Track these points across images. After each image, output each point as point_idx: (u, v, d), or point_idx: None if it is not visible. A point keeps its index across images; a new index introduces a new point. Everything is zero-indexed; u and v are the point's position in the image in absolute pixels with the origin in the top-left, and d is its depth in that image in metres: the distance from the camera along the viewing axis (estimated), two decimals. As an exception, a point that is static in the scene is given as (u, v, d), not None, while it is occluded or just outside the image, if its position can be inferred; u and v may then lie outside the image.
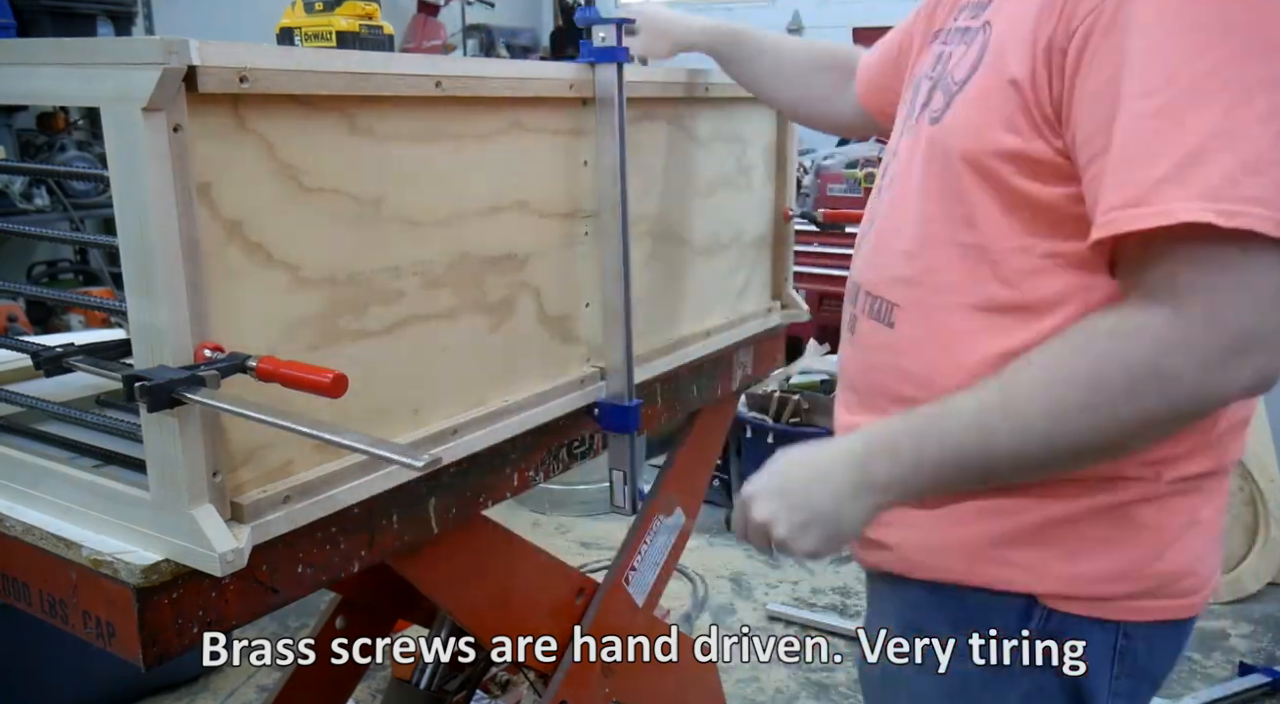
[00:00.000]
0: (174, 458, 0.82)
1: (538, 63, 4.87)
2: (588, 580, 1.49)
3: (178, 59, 0.75)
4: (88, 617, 0.89)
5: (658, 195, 1.39)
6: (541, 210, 1.18)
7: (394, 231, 1.00)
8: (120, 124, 0.77)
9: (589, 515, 3.59)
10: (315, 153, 0.91)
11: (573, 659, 1.42)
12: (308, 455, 0.93)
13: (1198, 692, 2.54)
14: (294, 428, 0.77)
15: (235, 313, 0.85)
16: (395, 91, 0.96)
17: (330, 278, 0.93)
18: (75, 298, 1.18)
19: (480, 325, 1.12)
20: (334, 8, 1.79)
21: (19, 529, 0.92)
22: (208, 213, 0.82)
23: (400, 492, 1.04)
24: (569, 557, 3.19)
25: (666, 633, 1.83)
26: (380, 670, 2.48)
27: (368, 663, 1.76)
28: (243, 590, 0.91)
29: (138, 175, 0.77)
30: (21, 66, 0.85)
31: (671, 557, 1.63)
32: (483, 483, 1.18)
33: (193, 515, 0.82)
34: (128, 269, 0.80)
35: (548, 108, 1.17)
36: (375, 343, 0.99)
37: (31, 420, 1.11)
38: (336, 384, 0.76)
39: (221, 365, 0.79)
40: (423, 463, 0.75)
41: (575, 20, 1.28)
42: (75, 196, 3.77)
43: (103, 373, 1.07)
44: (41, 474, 0.94)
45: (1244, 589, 2.98)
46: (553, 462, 1.29)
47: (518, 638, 1.37)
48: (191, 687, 2.53)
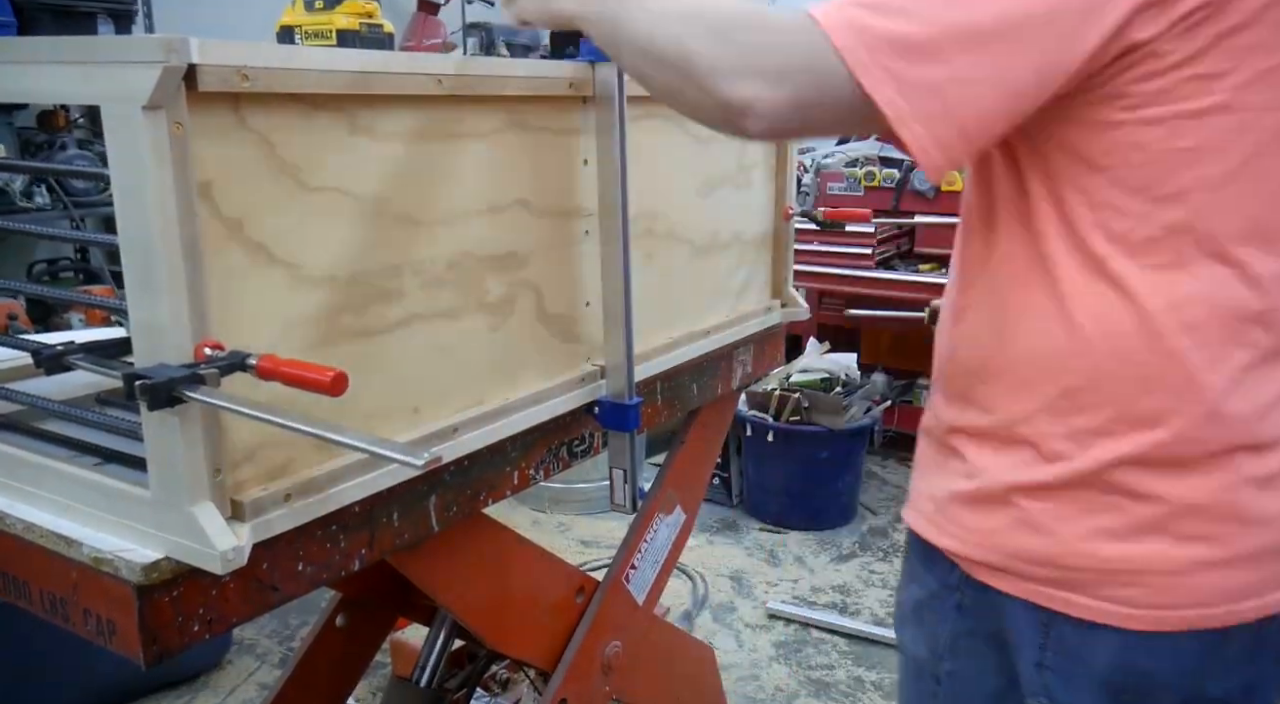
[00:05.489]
0: (174, 456, 0.82)
1: (538, 61, 4.86)
2: (588, 579, 1.49)
3: (178, 57, 0.75)
4: (88, 615, 0.89)
5: (658, 194, 1.39)
6: (542, 209, 1.18)
7: (394, 230, 1.00)
8: (121, 122, 0.77)
9: (589, 514, 3.59)
10: (316, 151, 0.91)
11: (573, 657, 1.42)
12: (308, 454, 0.93)
13: (1197, 690, 2.54)
14: (294, 426, 0.78)
15: (236, 311, 0.85)
16: (396, 90, 0.96)
17: (331, 276, 0.94)
18: (76, 296, 1.18)
19: (480, 324, 1.12)
20: (334, 6, 1.80)
21: (20, 527, 0.92)
22: (208, 211, 0.82)
23: (401, 490, 1.04)
24: (569, 555, 3.19)
25: (666, 631, 1.83)
26: (380, 669, 2.49)
27: (368, 661, 1.76)
28: (243, 589, 0.91)
29: (138, 174, 0.77)
30: (22, 65, 0.85)
31: (671, 555, 1.63)
32: (483, 481, 1.18)
33: (193, 513, 0.82)
34: (128, 267, 0.81)
35: (548, 106, 1.17)
36: (376, 341, 0.99)
37: (32, 419, 1.11)
38: (337, 382, 0.76)
39: (222, 364, 0.79)
40: (423, 461, 0.75)
41: (575, 19, 1.28)
42: (76, 195, 3.77)
43: (103, 371, 1.07)
44: (42, 472, 0.94)
45: (1244, 588, 2.98)
46: (553, 460, 1.29)
47: (518, 636, 1.38)
48: (192, 685, 2.53)
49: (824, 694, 2.55)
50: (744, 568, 3.22)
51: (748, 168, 1.60)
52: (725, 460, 3.60)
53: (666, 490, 1.61)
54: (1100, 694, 0.93)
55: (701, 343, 1.52)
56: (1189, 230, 0.83)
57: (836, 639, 2.79)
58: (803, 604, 2.97)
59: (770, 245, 1.70)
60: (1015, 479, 0.93)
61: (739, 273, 1.63)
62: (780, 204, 1.69)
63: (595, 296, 1.28)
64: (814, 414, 3.41)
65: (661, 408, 1.49)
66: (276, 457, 0.91)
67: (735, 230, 1.59)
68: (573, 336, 1.27)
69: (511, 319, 1.17)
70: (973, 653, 1.05)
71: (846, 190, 3.79)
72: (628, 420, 1.29)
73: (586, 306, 1.28)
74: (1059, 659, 0.95)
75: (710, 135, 1.49)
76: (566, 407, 1.25)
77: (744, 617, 2.92)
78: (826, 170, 3.91)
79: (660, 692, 1.74)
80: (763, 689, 2.57)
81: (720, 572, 3.19)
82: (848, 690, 2.56)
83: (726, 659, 2.67)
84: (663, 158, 1.39)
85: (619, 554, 1.55)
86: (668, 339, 1.44)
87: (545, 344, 1.23)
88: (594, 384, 1.29)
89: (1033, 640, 0.96)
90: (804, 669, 2.66)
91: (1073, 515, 0.90)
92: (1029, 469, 0.92)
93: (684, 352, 1.47)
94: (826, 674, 2.63)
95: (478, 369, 1.13)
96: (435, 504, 1.11)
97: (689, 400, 1.56)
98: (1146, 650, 0.90)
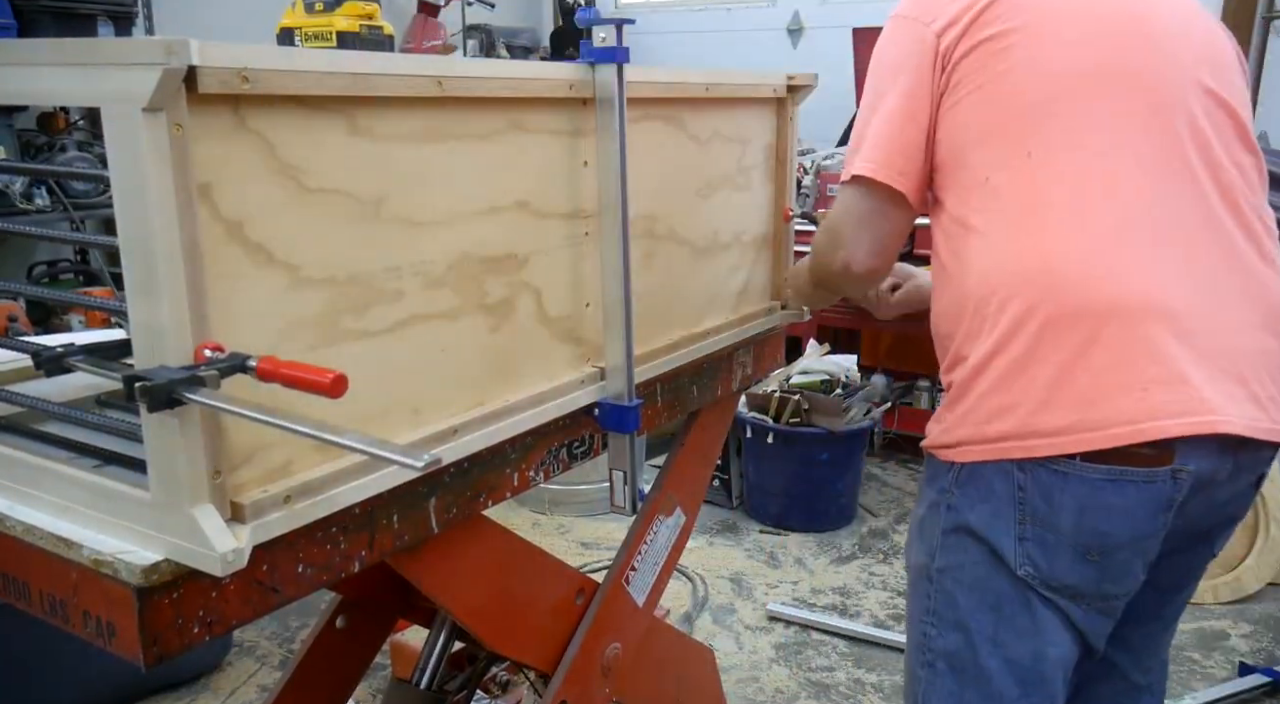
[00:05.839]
0: (174, 458, 0.82)
1: (538, 63, 4.87)
2: (588, 580, 1.49)
3: (178, 59, 0.75)
4: (88, 617, 0.89)
5: (658, 195, 1.39)
6: (542, 210, 1.18)
7: (394, 232, 1.00)
8: (121, 124, 0.77)
9: (589, 515, 3.59)
10: (316, 153, 0.91)
11: (573, 659, 1.42)
12: (308, 455, 0.93)
13: (1197, 692, 2.54)
14: (294, 428, 0.77)
15: (235, 313, 0.85)
16: (395, 92, 0.96)
17: (331, 278, 0.94)
18: (75, 298, 1.18)
19: (480, 325, 1.12)
20: (334, 8, 1.80)
21: (19, 529, 0.92)
22: (208, 213, 0.82)
23: (400, 492, 1.04)
24: (569, 557, 3.19)
25: (667, 633, 1.83)
26: (380, 671, 2.49)
27: (368, 663, 1.76)
28: (243, 590, 0.91)
29: (138, 175, 0.77)
30: (22, 67, 0.85)
31: (671, 557, 1.63)
32: (483, 483, 1.18)
33: (193, 515, 0.82)
34: (128, 269, 0.81)
35: (548, 108, 1.17)
36: (376, 343, 0.99)
37: (32, 420, 1.11)
38: (336, 384, 0.76)
39: (222, 365, 0.79)
40: (423, 463, 0.75)
41: (575, 20, 1.29)
42: (76, 197, 3.77)
43: (103, 373, 1.07)
44: (42, 474, 0.94)
45: (1244, 589, 2.98)
46: (553, 461, 1.29)
47: (518, 638, 1.38)
48: (192, 687, 2.53)
49: (824, 696, 2.54)
50: (744, 570, 3.22)
51: (747, 169, 1.60)
52: (725, 462, 3.60)
53: (666, 492, 1.61)
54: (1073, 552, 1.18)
55: (701, 344, 1.52)
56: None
57: (836, 641, 2.79)
58: (803, 606, 2.97)
59: (770, 247, 1.70)
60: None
61: (739, 274, 1.63)
62: (780, 205, 1.69)
63: (595, 298, 1.28)
64: (814, 416, 3.42)
65: (661, 410, 1.49)
66: (276, 458, 0.91)
67: (735, 232, 1.59)
68: (573, 338, 1.27)
69: (511, 320, 1.17)
70: (958, 548, 1.25)
71: (846, 192, 3.79)
72: (628, 422, 1.29)
73: (586, 308, 1.28)
74: (1035, 529, 1.19)
75: (710, 136, 1.49)
76: (566, 408, 1.25)
77: (744, 618, 2.92)
78: (826, 172, 3.91)
79: (660, 693, 1.73)
80: (763, 691, 2.57)
81: (720, 573, 3.19)
82: (848, 692, 2.56)
83: (726, 661, 2.67)
84: (663, 159, 1.40)
85: (619, 556, 1.55)
86: (668, 341, 1.44)
87: (545, 345, 1.23)
88: (594, 386, 1.29)
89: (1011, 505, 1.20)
90: (804, 671, 2.66)
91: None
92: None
93: (684, 353, 1.47)
94: (826, 676, 2.63)
95: (477, 370, 1.13)
96: (435, 506, 1.11)
97: (689, 402, 1.56)
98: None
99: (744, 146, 1.58)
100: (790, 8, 6.04)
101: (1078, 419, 1.13)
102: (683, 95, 1.41)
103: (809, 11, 5.99)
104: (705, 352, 1.53)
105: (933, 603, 1.28)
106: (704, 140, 1.48)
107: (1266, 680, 2.54)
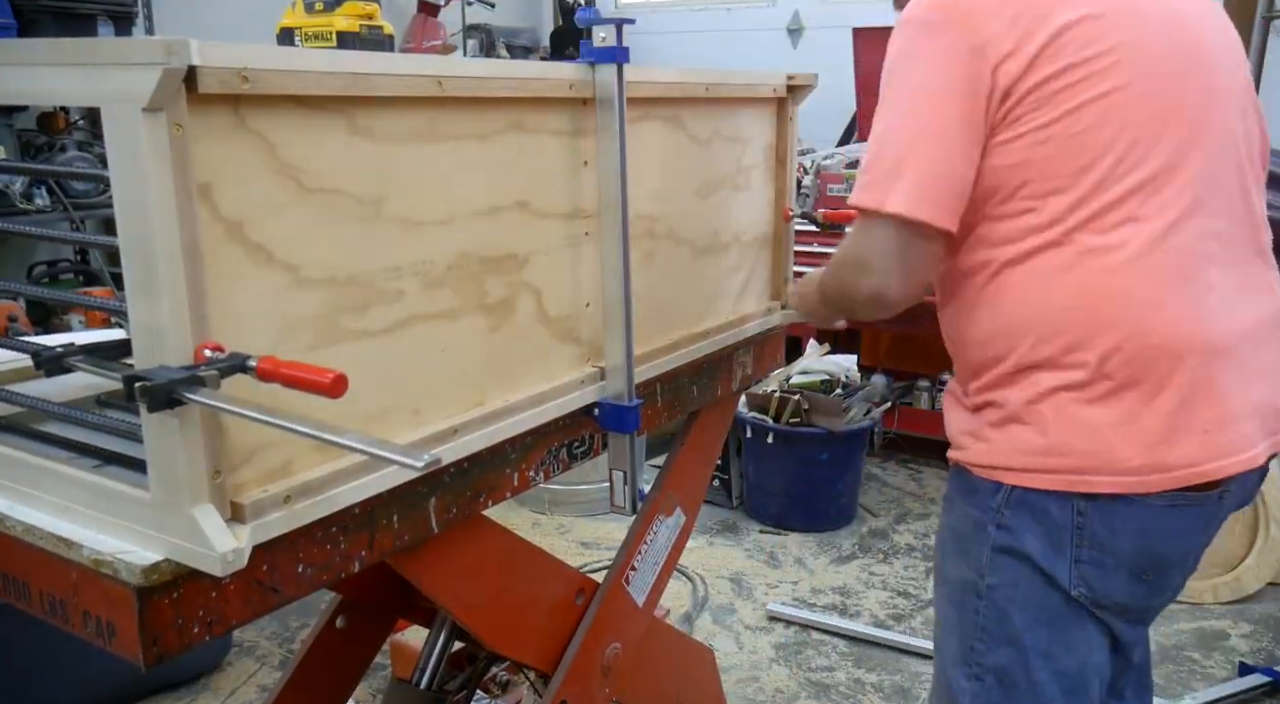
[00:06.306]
0: (174, 458, 0.82)
1: (538, 63, 4.87)
2: (588, 580, 1.49)
3: (178, 59, 0.75)
4: (88, 617, 0.89)
5: (658, 195, 1.39)
6: (541, 210, 1.18)
7: (394, 231, 1.00)
8: (121, 124, 0.77)
9: (589, 515, 3.59)
10: (316, 153, 0.91)
11: (573, 659, 1.42)
12: (308, 455, 0.93)
13: (1197, 692, 2.54)
14: (294, 428, 0.77)
15: (235, 313, 0.85)
16: (395, 92, 0.96)
17: (330, 278, 0.94)
18: (75, 298, 1.18)
19: (480, 325, 1.12)
20: (334, 8, 1.80)
21: (19, 529, 0.92)
22: (208, 213, 0.82)
23: (400, 491, 1.04)
24: (569, 557, 3.19)
25: (666, 633, 1.83)
26: (380, 671, 2.49)
27: (368, 663, 1.76)
28: (243, 590, 0.91)
29: (138, 175, 0.77)
30: (22, 66, 0.85)
31: (671, 557, 1.63)
32: (483, 483, 1.18)
33: (193, 515, 0.82)
34: (128, 269, 0.81)
35: (548, 108, 1.17)
36: (376, 343, 0.99)
37: (32, 420, 1.11)
38: (336, 384, 0.76)
39: (221, 365, 0.79)
40: (423, 463, 0.75)
41: (575, 20, 1.29)
42: (76, 197, 3.77)
43: (103, 373, 1.07)
44: (42, 474, 0.94)
45: (1244, 589, 2.98)
46: (553, 461, 1.29)
47: (517, 638, 1.38)
48: (192, 687, 2.53)
49: (824, 696, 2.54)
50: (744, 570, 3.22)
51: (747, 169, 1.60)
52: (725, 462, 3.60)
53: (666, 492, 1.61)
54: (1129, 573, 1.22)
55: (701, 344, 1.52)
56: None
57: (836, 641, 2.79)
58: (803, 606, 2.97)
59: (770, 247, 1.70)
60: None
61: (739, 274, 1.63)
62: (780, 205, 1.69)
63: (595, 298, 1.28)
64: (814, 416, 3.41)
65: (661, 409, 1.49)
66: (276, 458, 0.91)
67: (735, 232, 1.59)
68: (573, 338, 1.27)
69: (511, 320, 1.17)
70: (1010, 568, 1.26)
71: (847, 192, 3.79)
72: (628, 422, 1.29)
73: (586, 308, 1.28)
74: (1092, 552, 1.21)
75: (710, 136, 1.49)
76: (566, 408, 1.25)
77: (744, 618, 2.92)
78: (826, 172, 3.91)
79: (660, 693, 1.73)
80: (763, 691, 2.57)
81: (720, 573, 3.19)
82: (848, 692, 2.56)
83: (726, 661, 2.67)
84: (663, 159, 1.40)
85: (619, 556, 1.55)
86: (668, 341, 1.44)
87: (545, 345, 1.23)
88: (594, 386, 1.29)
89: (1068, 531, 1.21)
90: (804, 671, 2.66)
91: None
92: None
93: (684, 353, 1.47)
94: (826, 676, 2.63)
95: (477, 370, 1.13)
96: (435, 506, 1.11)
97: (689, 402, 1.56)
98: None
99: (744, 146, 1.58)
100: (790, 8, 6.05)
101: (1145, 462, 1.17)
102: (683, 95, 1.41)
103: (809, 11, 5.99)
104: (705, 351, 1.53)
105: (982, 619, 1.30)
106: (704, 140, 1.48)
107: (1266, 680, 2.54)
